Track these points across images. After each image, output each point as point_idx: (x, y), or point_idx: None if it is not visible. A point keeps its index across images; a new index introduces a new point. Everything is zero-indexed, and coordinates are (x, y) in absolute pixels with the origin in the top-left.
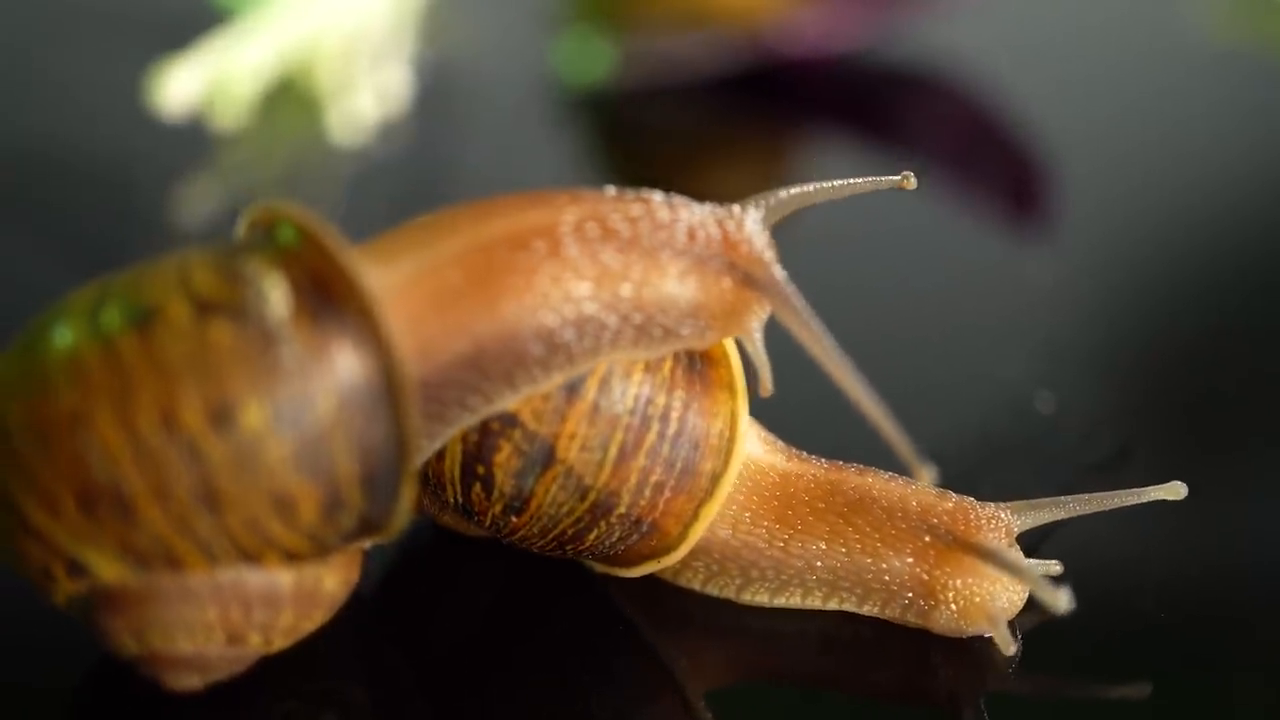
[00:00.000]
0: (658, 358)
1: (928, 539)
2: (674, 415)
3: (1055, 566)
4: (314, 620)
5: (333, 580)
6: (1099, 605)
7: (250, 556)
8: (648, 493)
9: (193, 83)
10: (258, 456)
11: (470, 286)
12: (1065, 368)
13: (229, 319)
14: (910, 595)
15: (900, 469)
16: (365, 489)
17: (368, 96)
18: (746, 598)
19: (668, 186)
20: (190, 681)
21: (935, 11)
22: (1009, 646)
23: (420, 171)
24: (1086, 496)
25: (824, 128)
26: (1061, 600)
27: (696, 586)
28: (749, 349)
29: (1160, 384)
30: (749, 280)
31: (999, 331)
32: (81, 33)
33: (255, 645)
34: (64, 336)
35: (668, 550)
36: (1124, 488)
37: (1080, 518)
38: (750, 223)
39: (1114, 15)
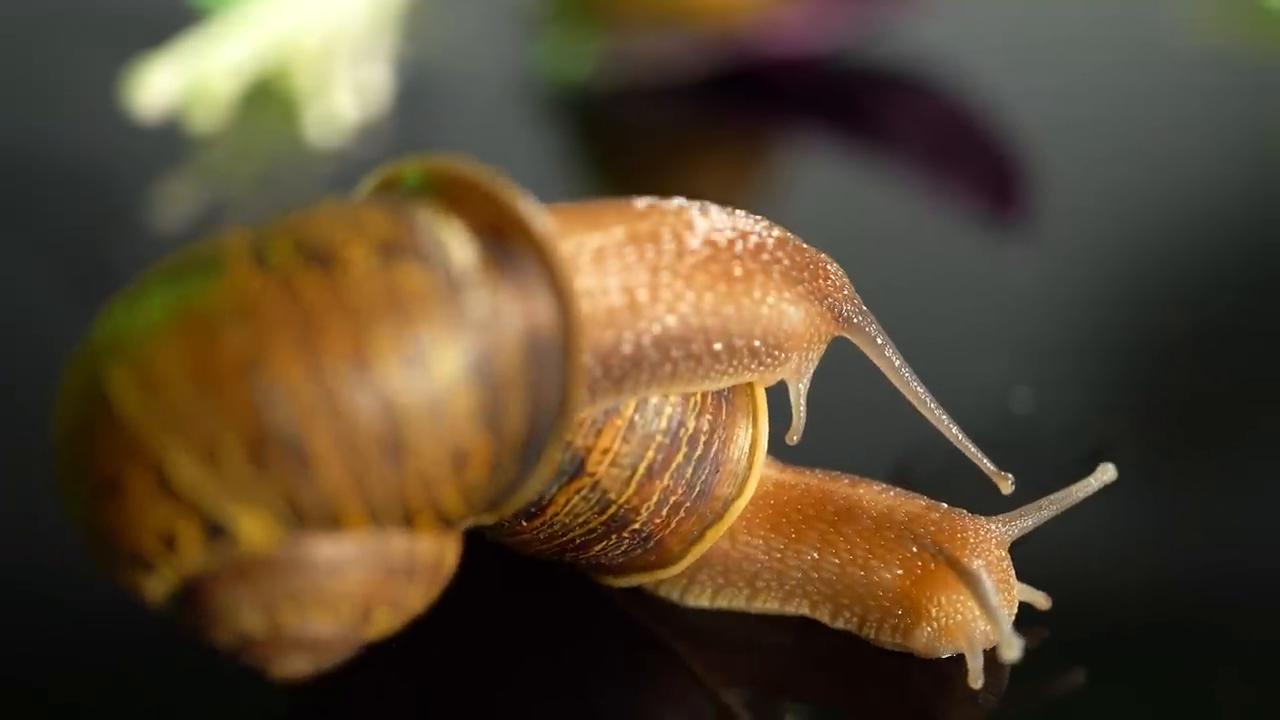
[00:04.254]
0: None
1: (914, 549)
2: (701, 439)
3: (1043, 601)
4: (428, 598)
5: (452, 557)
6: (1079, 606)
7: (408, 518)
8: (664, 512)
9: (170, 83)
10: (447, 405)
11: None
12: (1044, 366)
13: (416, 262)
14: (900, 612)
15: (905, 482)
16: (522, 452)
17: (346, 96)
18: (757, 607)
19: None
20: (300, 666)
21: (914, 11)
22: (977, 679)
23: None
24: (1056, 496)
25: (803, 127)
26: (1012, 650)
27: (706, 603)
28: (794, 394)
29: (1139, 382)
30: (838, 315)
31: (978, 330)
32: (58, 33)
33: (378, 624)
34: (223, 277)
35: (664, 566)
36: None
37: (1059, 518)
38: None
39: (1094, 14)
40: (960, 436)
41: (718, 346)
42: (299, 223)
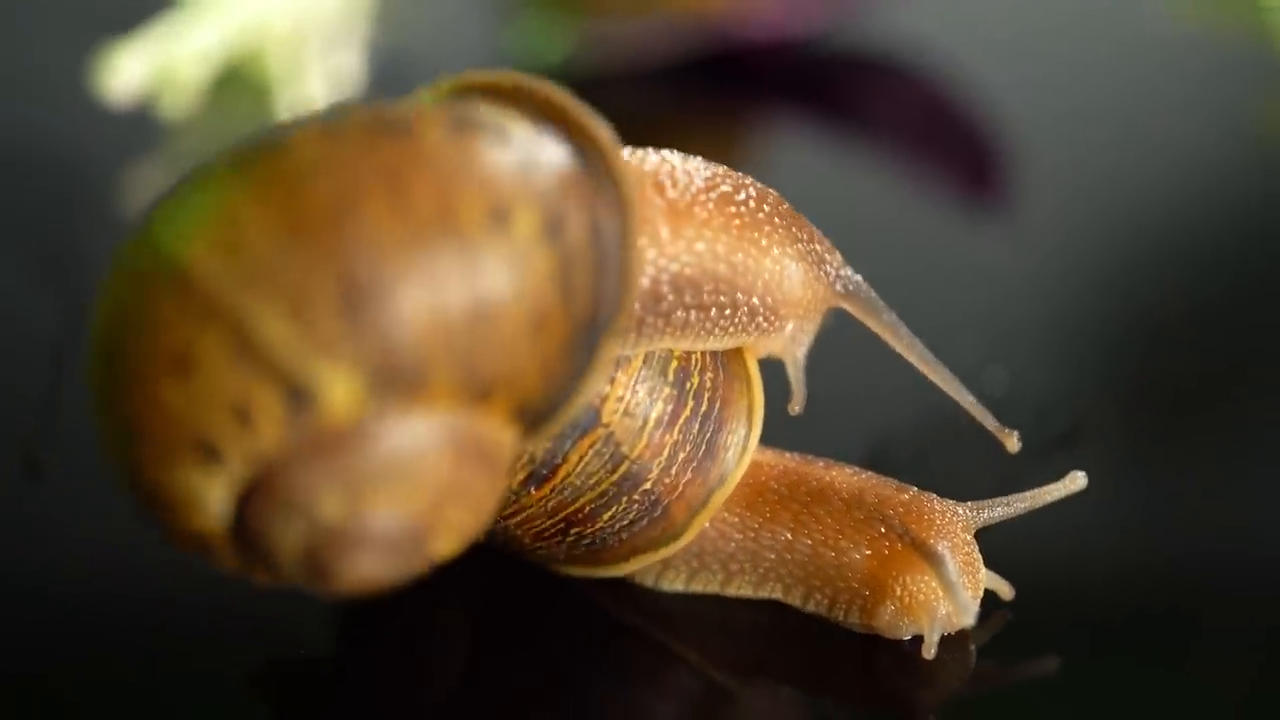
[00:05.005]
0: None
1: (883, 530)
2: (705, 395)
3: (1007, 590)
4: (490, 502)
5: (506, 475)
6: (1047, 589)
7: (486, 393)
8: (674, 470)
9: (140, 69)
10: (527, 263)
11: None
12: (1019, 348)
13: (487, 133)
14: (867, 592)
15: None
16: (585, 336)
17: (318, 82)
18: (731, 591)
19: None
20: (371, 568)
21: None
22: (930, 651)
23: None
24: (1027, 494)
25: (781, 111)
26: (968, 616)
27: (680, 587)
28: (791, 367)
29: (1114, 365)
30: (834, 280)
31: (953, 311)
32: (26, 18)
33: (448, 525)
34: (292, 150)
35: (669, 540)
36: (1078, 468)
37: (1035, 488)
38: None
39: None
40: (969, 397)
41: (723, 299)
42: (361, 106)
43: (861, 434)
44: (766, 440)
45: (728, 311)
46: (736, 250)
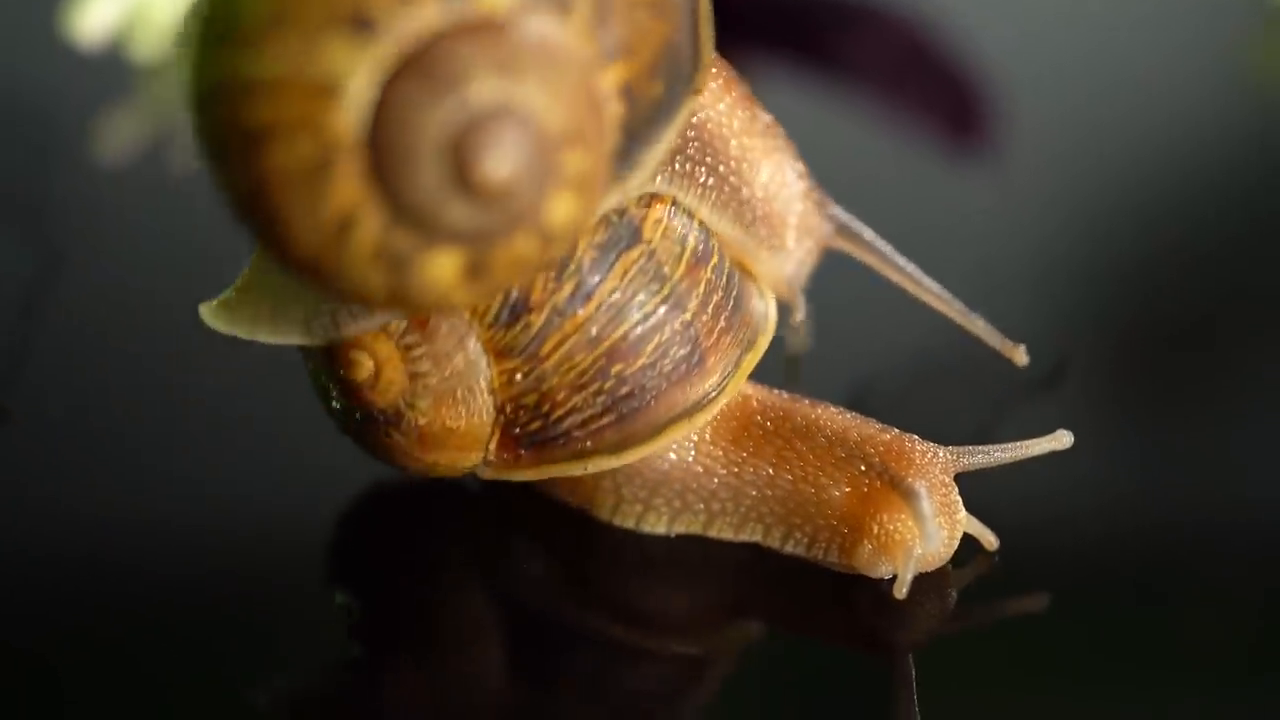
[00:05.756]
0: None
1: (863, 468)
2: (725, 262)
3: (992, 540)
4: (591, 188)
5: (595, 196)
6: (1030, 534)
7: (613, 51)
8: (710, 310)
9: (111, 11)
10: None
11: None
12: (1004, 295)
13: None
14: (846, 530)
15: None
16: (673, 66)
17: None
18: (713, 533)
19: None
20: (510, 165)
21: None
22: (902, 589)
23: None
24: (1011, 445)
25: (760, 55)
26: (931, 542)
27: (663, 529)
28: (791, 300)
29: (1099, 311)
30: (825, 209)
31: (935, 255)
32: None
33: (572, 169)
34: None
35: (702, 408)
36: (1062, 411)
37: (1015, 435)
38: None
39: None
40: (970, 315)
41: (733, 179)
42: None
43: (843, 380)
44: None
45: (739, 194)
46: (747, 133)
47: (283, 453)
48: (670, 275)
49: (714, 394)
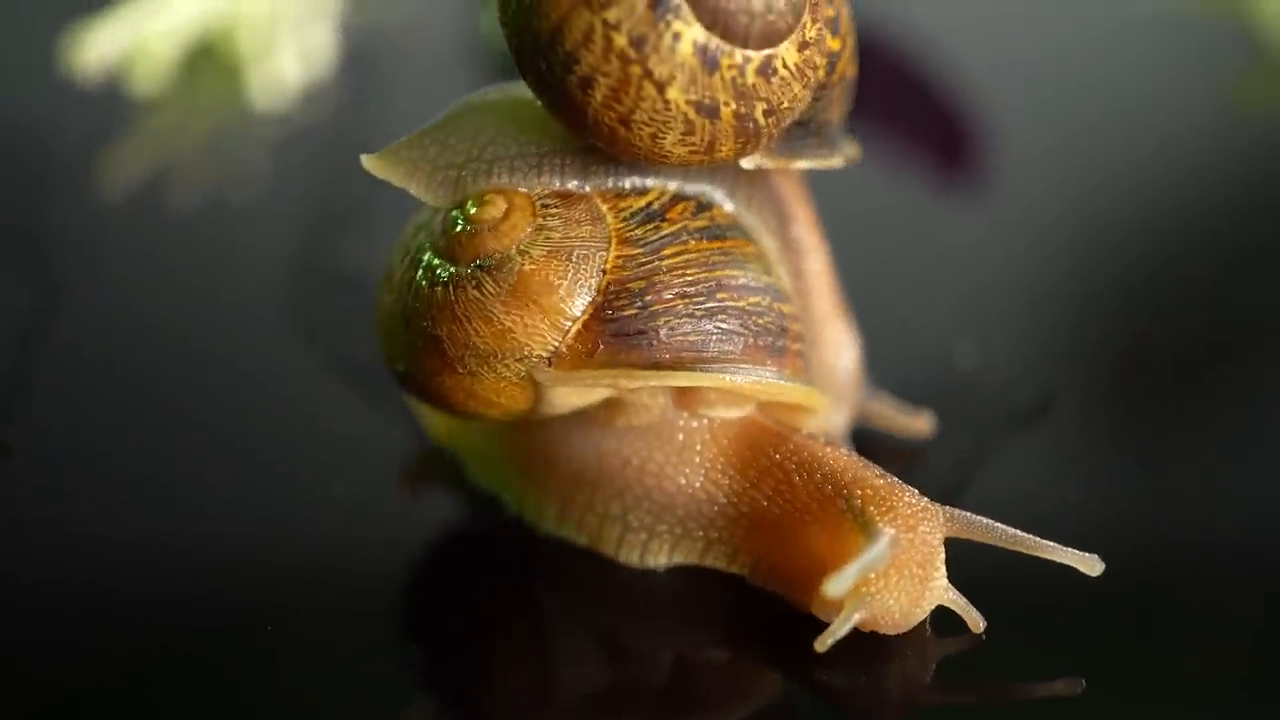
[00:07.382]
0: None
1: (843, 507)
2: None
3: (978, 622)
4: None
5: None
6: (1024, 564)
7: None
8: (797, 328)
9: (111, 46)
10: None
11: None
12: (990, 321)
13: None
14: (811, 570)
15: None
16: (844, 91)
17: (291, 59)
18: (708, 561)
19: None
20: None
21: None
22: (826, 640)
23: (344, 136)
24: (1027, 536)
25: None
26: (837, 587)
27: (664, 559)
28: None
29: (1086, 339)
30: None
31: (923, 284)
32: None
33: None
34: None
35: (772, 380)
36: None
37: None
38: None
39: None
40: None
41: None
42: None
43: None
44: None
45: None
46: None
47: (281, 478)
48: (780, 278)
49: (783, 381)
